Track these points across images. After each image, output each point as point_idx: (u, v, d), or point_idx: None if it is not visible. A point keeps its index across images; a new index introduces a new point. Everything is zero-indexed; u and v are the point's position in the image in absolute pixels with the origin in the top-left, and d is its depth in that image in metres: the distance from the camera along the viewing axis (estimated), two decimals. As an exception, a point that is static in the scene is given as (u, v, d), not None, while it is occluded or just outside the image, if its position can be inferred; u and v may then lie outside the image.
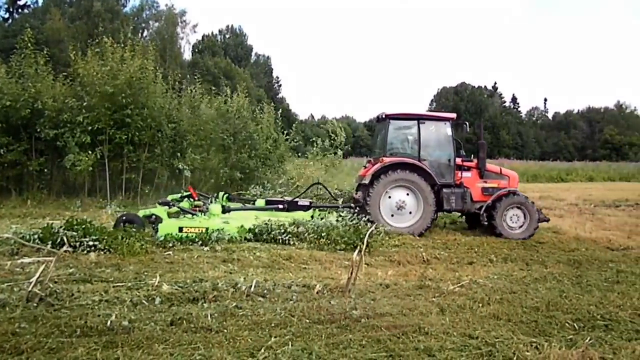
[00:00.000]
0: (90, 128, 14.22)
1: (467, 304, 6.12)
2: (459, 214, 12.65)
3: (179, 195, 12.03)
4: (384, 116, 11.99)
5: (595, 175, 38.73)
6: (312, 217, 11.34)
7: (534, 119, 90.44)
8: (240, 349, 4.54)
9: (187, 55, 60.17)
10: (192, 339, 4.70)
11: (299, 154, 22.82)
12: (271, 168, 17.32)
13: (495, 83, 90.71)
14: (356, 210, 11.52)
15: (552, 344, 4.78)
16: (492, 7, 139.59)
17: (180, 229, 9.47)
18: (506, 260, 8.98)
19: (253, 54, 73.47)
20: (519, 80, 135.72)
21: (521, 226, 11.30)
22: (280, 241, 9.52)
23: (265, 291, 6.31)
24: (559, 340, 4.97)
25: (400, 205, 11.26)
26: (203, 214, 10.49)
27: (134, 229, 9.16)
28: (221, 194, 12.41)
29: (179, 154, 15.60)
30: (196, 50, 62.74)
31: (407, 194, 11.29)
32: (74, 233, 8.34)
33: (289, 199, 12.29)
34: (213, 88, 20.87)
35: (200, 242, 9.14)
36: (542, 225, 12.09)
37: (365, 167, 12.62)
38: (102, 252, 8.07)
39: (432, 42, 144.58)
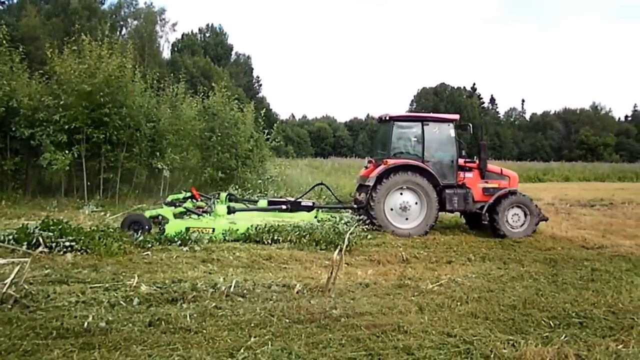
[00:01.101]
0: (67, 127, 14.01)
1: (446, 302, 6.17)
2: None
3: (182, 195, 12.00)
4: (387, 118, 12.06)
5: (571, 176, 39.37)
6: (316, 217, 11.46)
7: (511, 119, 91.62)
8: (220, 349, 4.52)
9: (166, 54, 59.84)
10: (171, 339, 4.66)
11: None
12: (251, 168, 17.25)
13: (474, 84, 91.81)
14: (359, 211, 11.67)
15: (529, 342, 4.85)
16: (470, 8, 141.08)
17: (187, 229, 9.54)
18: (484, 259, 9.08)
19: (233, 53, 73.27)
20: (498, 81, 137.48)
21: (522, 225, 11.48)
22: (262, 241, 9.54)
23: (245, 291, 6.30)
24: (535, 338, 5.04)
25: (404, 207, 11.35)
26: (208, 214, 10.55)
27: (113, 230, 9.07)
28: (223, 194, 12.40)
29: (158, 154, 15.44)
30: (175, 49, 62.31)
31: (411, 195, 11.39)
32: (50, 234, 8.20)
33: (292, 199, 12.32)
34: (190, 88, 20.66)
35: (179, 242, 9.09)
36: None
37: (366, 167, 12.74)
38: (79, 253, 7.94)
39: (412, 43, 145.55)
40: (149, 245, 8.83)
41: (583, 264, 8.70)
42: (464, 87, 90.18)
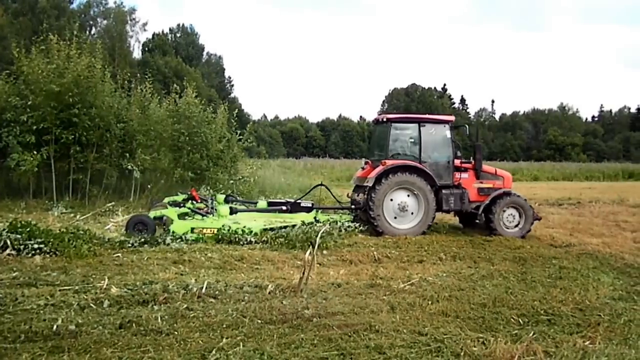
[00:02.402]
0: (35, 128, 13.73)
1: (417, 301, 6.24)
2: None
3: (180, 197, 12.00)
4: (385, 119, 12.19)
5: (540, 175, 40.07)
6: (315, 218, 11.58)
7: (482, 119, 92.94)
8: (191, 350, 4.50)
9: (137, 53, 59.01)
10: (142, 342, 4.62)
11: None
12: (223, 168, 17.14)
13: (445, 84, 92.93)
14: (357, 212, 11.81)
15: (498, 339, 4.94)
16: (439, 9, 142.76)
17: (192, 230, 9.82)
18: (455, 258, 9.19)
19: (205, 53, 72.62)
20: (468, 82, 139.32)
21: (517, 225, 11.68)
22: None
23: (217, 292, 6.28)
24: (505, 335, 5.13)
25: (403, 207, 11.45)
26: (212, 215, 10.75)
27: (82, 231, 8.95)
28: (220, 196, 12.43)
29: (128, 155, 15.23)
30: (146, 48, 61.46)
31: (409, 196, 11.50)
32: (18, 235, 8.09)
33: (292, 200, 12.39)
34: (163, 89, 20.45)
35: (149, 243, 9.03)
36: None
37: (362, 168, 12.88)
38: (47, 255, 7.84)
39: (384, 43, 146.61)
40: (129, 245, 8.80)
41: (551, 262, 8.87)
42: (435, 88, 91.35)
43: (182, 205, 11.11)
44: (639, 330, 5.45)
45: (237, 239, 9.71)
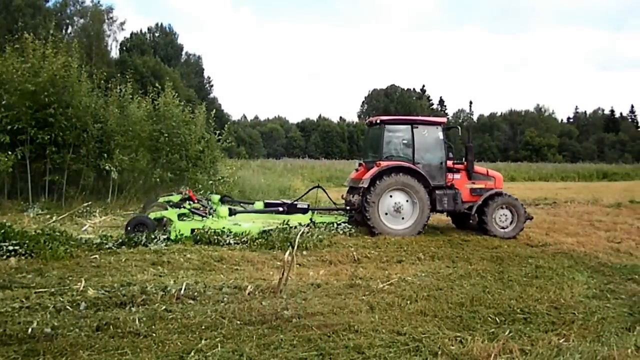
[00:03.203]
0: (9, 127, 13.51)
1: (396, 301, 6.28)
2: None
3: (175, 198, 11.99)
4: (378, 121, 12.27)
5: (517, 176, 40.54)
6: (310, 219, 11.64)
7: (460, 120, 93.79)
8: (170, 352, 4.47)
9: (115, 53, 58.33)
10: (119, 344, 4.58)
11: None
12: (202, 169, 17.05)
13: (424, 85, 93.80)
14: (352, 213, 11.94)
15: (475, 338, 5.00)
16: (418, 11, 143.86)
17: (193, 231, 9.84)
18: (433, 258, 9.26)
19: (183, 53, 71.98)
20: (446, 83, 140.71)
21: (509, 225, 11.83)
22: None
23: (196, 293, 6.25)
24: (482, 334, 5.20)
25: (397, 208, 11.54)
26: (212, 216, 10.78)
27: (59, 233, 8.83)
28: (215, 196, 12.50)
29: (105, 155, 15.07)
30: (124, 48, 60.74)
31: (403, 197, 11.61)
32: (-8, 237, 7.93)
33: (289, 201, 12.45)
34: (141, 89, 20.22)
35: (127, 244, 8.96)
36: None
37: (356, 170, 13.02)
38: (23, 257, 7.73)
39: (363, 44, 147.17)
40: (106, 246, 8.70)
41: (528, 262, 9.00)
42: (414, 89, 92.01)
43: (182, 206, 11.11)
44: (611, 327, 5.56)
45: (216, 240, 9.67)
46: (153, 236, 9.50)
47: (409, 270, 8.14)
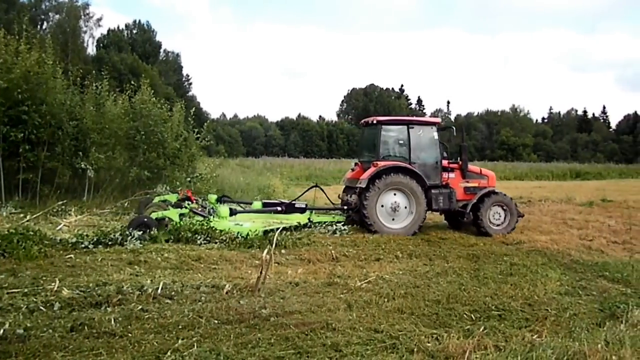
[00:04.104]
0: (-20, 125, 13.21)
1: (374, 299, 6.33)
2: None
3: (174, 197, 11.95)
4: (375, 122, 12.41)
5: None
6: (309, 219, 11.79)
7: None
8: (146, 352, 4.44)
9: (92, 50, 57.47)
10: (94, 344, 4.53)
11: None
12: (180, 167, 16.91)
13: (402, 85, 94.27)
14: (349, 213, 12.09)
15: (451, 335, 5.08)
16: (397, 11, 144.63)
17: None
18: (411, 256, 9.35)
19: (162, 50, 71.17)
20: (425, 83, 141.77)
21: (502, 223, 12.09)
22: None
23: (173, 293, 6.21)
24: (458, 331, 5.28)
25: (395, 207, 11.68)
26: (212, 216, 10.80)
27: (32, 232, 8.67)
28: (212, 196, 12.55)
29: (81, 153, 14.83)
30: (101, 45, 59.83)
31: (400, 196, 11.75)
32: (-37, 237, 7.77)
33: (287, 201, 12.53)
34: (118, 86, 19.96)
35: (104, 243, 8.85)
36: (445, 223, 12.87)
37: (352, 169, 13.22)
38: (-5, 257, 7.56)
39: (342, 43, 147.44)
40: (82, 246, 8.60)
41: (503, 259, 9.13)
42: (392, 88, 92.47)
43: (183, 206, 11.12)
44: (582, 323, 5.69)
45: (194, 239, 9.61)
46: (129, 234, 9.39)
47: (386, 269, 8.20)
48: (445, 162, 12.38)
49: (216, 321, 5.28)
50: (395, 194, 11.73)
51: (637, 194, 24.03)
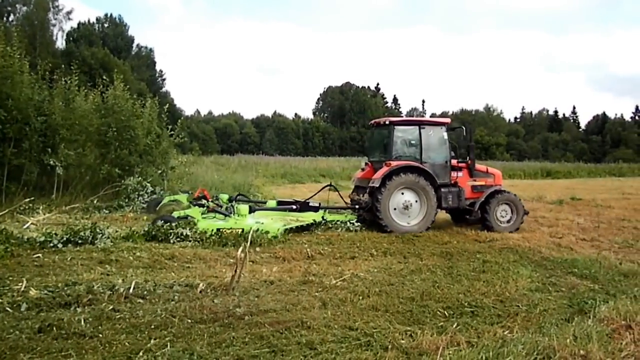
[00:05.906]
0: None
1: (348, 297, 6.33)
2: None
3: (184, 196, 12.05)
4: (387, 122, 12.59)
5: (467, 173, 41.38)
6: (322, 217, 11.98)
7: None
8: (117, 353, 4.36)
9: (61, 43, 56.29)
10: (63, 346, 4.44)
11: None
12: (151, 163, 16.68)
13: (378, 84, 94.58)
14: (360, 212, 12.24)
15: (425, 331, 5.11)
16: (372, 9, 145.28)
17: (218, 230, 9.89)
18: (386, 254, 9.38)
19: (134, 45, 70.05)
20: (400, 82, 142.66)
21: (509, 220, 12.29)
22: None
23: (145, 292, 6.12)
24: (431, 328, 5.32)
25: (407, 206, 11.86)
26: (232, 215, 10.94)
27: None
28: (223, 195, 12.68)
29: (50, 150, 14.51)
30: (71, 38, 58.61)
31: (412, 195, 11.95)
32: None
33: (301, 200, 12.70)
34: (89, 81, 19.59)
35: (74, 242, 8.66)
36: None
37: (362, 169, 13.40)
38: (-41, 257, 7.34)
39: (318, 40, 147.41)
40: (51, 245, 8.42)
41: (476, 257, 9.23)
42: (368, 87, 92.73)
43: (204, 205, 11.27)
44: (552, 319, 5.77)
45: (166, 237, 9.47)
46: (99, 232, 9.19)
47: (361, 266, 8.21)
48: (454, 162, 12.66)
49: (189, 320, 5.22)
50: (407, 193, 11.95)
51: (605, 192, 24.61)
